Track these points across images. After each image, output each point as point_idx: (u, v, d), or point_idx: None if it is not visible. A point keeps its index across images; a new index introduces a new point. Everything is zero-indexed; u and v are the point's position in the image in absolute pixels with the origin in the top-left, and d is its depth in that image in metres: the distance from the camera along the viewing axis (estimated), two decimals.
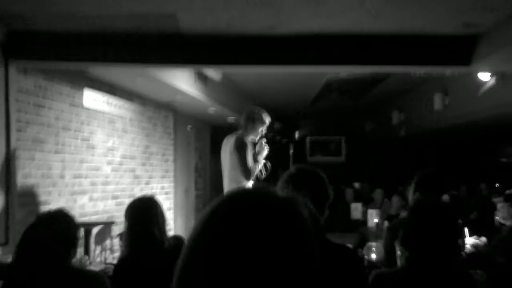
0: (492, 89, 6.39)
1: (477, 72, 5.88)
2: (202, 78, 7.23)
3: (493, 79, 6.26)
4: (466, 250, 4.64)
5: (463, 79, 7.15)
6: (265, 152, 5.15)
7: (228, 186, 5.13)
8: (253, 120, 5.08)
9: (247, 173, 4.98)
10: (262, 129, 5.15)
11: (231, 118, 9.41)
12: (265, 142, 5.15)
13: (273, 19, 4.11)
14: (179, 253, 0.86)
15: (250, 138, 5.09)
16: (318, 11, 3.91)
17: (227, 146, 5.13)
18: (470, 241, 5.01)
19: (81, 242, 3.12)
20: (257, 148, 5.14)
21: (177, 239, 3.37)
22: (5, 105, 4.42)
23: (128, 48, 4.60)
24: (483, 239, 5.14)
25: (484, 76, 6.28)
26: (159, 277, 3.03)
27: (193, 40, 4.55)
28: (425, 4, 3.78)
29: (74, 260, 2.71)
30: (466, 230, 5.01)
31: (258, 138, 5.15)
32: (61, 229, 2.61)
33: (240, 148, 4.95)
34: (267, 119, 5.15)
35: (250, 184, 5.03)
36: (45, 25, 4.34)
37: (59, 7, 3.88)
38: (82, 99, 5.74)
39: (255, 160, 5.10)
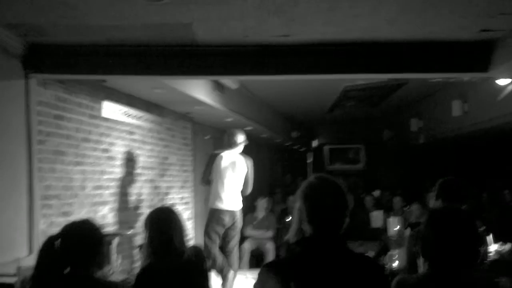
0: (511, 94, 6.32)
1: (495, 78, 5.82)
2: (220, 88, 7.26)
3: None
4: (490, 257, 4.58)
5: (481, 85, 7.08)
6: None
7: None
8: (239, 140, 6.42)
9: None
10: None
11: (248, 128, 9.44)
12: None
13: (287, 28, 4.11)
14: (198, 263, 0.87)
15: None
16: (332, 18, 3.90)
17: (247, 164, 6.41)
18: (494, 248, 4.94)
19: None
20: None
21: (195, 249, 3.38)
22: (26, 117, 4.47)
23: (145, 59, 4.63)
24: (508, 245, 5.07)
25: (503, 82, 6.22)
26: (180, 286, 3.04)
27: (208, 50, 4.57)
28: (441, 10, 3.75)
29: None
30: (490, 236, 4.94)
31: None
32: (85, 239, 2.63)
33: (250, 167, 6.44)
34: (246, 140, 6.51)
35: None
36: (64, 38, 4.39)
37: (77, 20, 3.92)
38: (101, 111, 5.79)
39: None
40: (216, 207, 6.27)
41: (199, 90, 6.58)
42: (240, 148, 6.46)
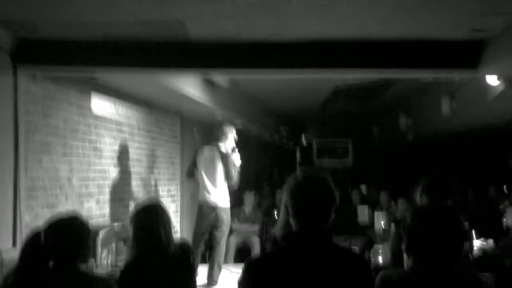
0: (501, 94, 6.36)
1: (484, 76, 5.86)
2: (210, 86, 7.24)
3: (501, 85, 6.22)
4: (474, 254, 4.63)
5: (471, 84, 7.12)
6: (239, 161, 6.42)
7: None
8: (227, 134, 6.42)
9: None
10: (233, 142, 6.46)
11: (238, 122, 9.42)
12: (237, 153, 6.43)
13: (280, 25, 4.11)
14: (184, 258, 0.87)
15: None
16: (325, 16, 3.91)
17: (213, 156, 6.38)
18: (477, 244, 4.99)
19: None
20: (235, 158, 6.37)
21: (182, 244, 3.38)
22: (14, 110, 4.47)
23: (136, 54, 4.61)
24: (490, 241, 5.12)
25: (492, 81, 6.25)
26: (166, 281, 3.03)
27: (202, 47, 4.57)
28: (434, 9, 3.77)
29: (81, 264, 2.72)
30: (473, 232, 4.99)
31: (231, 148, 6.40)
32: (72, 232, 2.62)
33: (227, 160, 6.29)
34: (235, 134, 6.54)
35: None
36: (53, 32, 4.36)
37: (67, 15, 3.90)
38: (89, 104, 5.76)
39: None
40: (200, 202, 6.30)
41: (188, 88, 6.54)
42: (229, 141, 6.43)
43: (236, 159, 6.37)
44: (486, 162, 11.62)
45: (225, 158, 6.28)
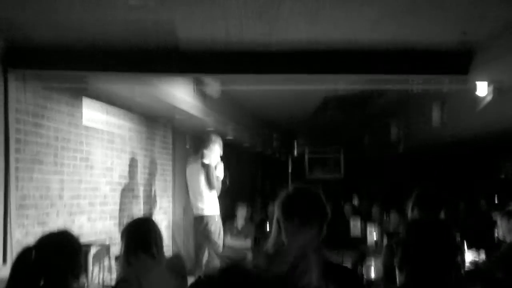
0: (490, 104, 6.40)
1: (474, 83, 5.90)
2: (202, 97, 7.24)
3: (490, 94, 6.26)
4: (466, 268, 4.62)
5: (460, 95, 7.16)
6: (222, 173, 6.53)
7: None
8: (213, 145, 6.50)
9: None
10: (218, 153, 6.52)
11: (229, 137, 9.42)
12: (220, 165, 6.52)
13: (270, 28, 4.16)
14: (177, 272, 0.87)
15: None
16: (314, 21, 3.96)
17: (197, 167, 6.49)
18: (469, 256, 4.99)
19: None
20: (217, 170, 6.47)
21: (175, 259, 3.36)
22: (4, 123, 4.43)
23: (126, 58, 4.64)
24: (482, 254, 5.12)
25: (482, 91, 6.29)
26: None
27: (191, 49, 4.59)
28: (422, 15, 3.82)
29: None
30: (465, 244, 4.99)
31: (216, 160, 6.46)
32: (63, 250, 2.59)
33: (209, 170, 6.35)
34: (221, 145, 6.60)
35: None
36: (44, 37, 4.37)
37: (59, 17, 3.89)
38: (81, 118, 5.74)
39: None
40: (193, 214, 6.38)
41: (180, 98, 6.54)
42: (215, 151, 6.50)
43: (219, 170, 6.47)
44: (476, 173, 11.68)
45: (205, 168, 6.37)
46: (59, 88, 5.18)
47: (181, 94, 6.58)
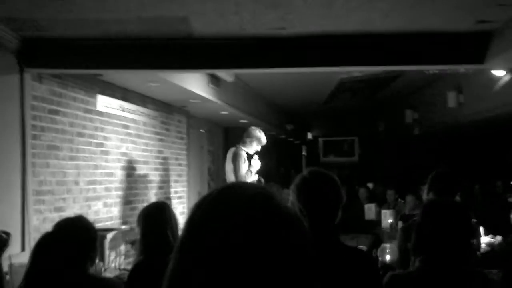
0: (507, 85, 6.33)
1: (491, 69, 5.82)
2: (215, 81, 7.25)
3: (508, 75, 6.19)
4: (482, 250, 4.60)
5: (477, 76, 7.08)
6: (257, 167, 6.40)
7: None
8: (251, 138, 6.36)
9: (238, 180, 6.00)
10: (258, 147, 6.43)
11: (243, 121, 9.42)
12: (257, 159, 6.40)
13: (283, 20, 4.11)
14: None
15: (245, 152, 6.31)
16: (327, 11, 3.90)
17: (228, 156, 6.45)
18: (485, 240, 4.96)
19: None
20: (252, 162, 6.33)
21: None
22: (21, 112, 4.47)
23: (141, 53, 4.63)
24: (499, 238, 5.09)
25: (499, 72, 6.22)
26: None
27: (205, 43, 4.57)
28: (436, 2, 3.75)
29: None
30: (481, 229, 4.96)
31: (253, 153, 6.39)
32: (79, 235, 2.63)
33: (235, 159, 6.25)
34: (263, 140, 6.45)
35: None
36: (59, 32, 4.38)
37: (72, 14, 3.91)
38: (96, 105, 5.77)
39: (249, 171, 6.30)
40: None
41: (194, 83, 6.56)
42: (252, 145, 6.45)
43: (255, 163, 6.42)
44: (492, 155, 11.56)
45: (235, 156, 6.36)
46: (74, 75, 5.22)
47: (195, 80, 6.59)
